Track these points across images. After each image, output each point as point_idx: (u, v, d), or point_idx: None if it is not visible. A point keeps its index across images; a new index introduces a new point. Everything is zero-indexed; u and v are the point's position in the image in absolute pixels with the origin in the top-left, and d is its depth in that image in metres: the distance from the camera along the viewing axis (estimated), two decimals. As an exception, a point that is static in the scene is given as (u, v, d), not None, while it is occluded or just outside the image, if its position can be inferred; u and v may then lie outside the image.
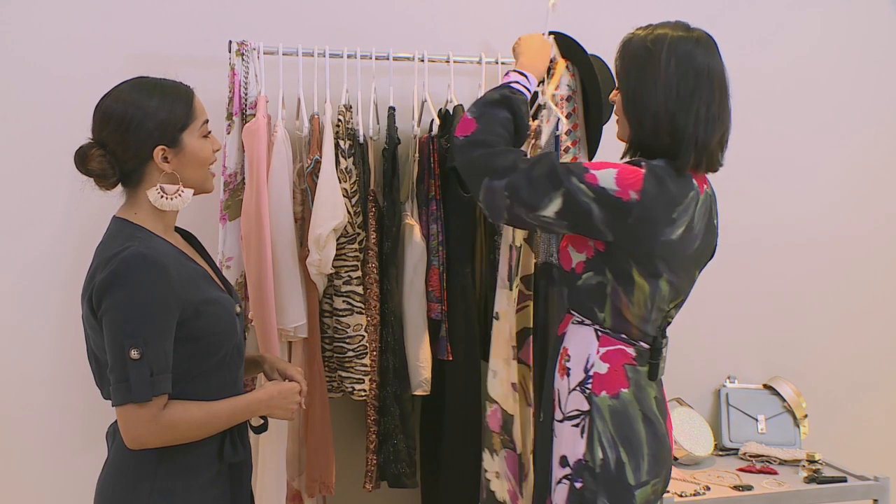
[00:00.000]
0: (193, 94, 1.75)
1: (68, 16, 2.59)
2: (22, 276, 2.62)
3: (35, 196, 2.61)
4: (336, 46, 2.51)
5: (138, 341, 1.55)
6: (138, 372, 1.55)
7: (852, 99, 3.25)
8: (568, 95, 2.69)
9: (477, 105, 1.91)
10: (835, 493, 2.66)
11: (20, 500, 2.64)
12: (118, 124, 1.67)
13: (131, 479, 1.65)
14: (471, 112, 1.89)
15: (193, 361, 1.66)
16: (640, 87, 1.78)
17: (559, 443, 1.83)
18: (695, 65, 1.74)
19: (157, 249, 1.64)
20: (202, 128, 1.74)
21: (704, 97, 1.75)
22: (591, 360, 1.81)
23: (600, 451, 1.75)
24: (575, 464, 1.78)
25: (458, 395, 2.55)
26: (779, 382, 3.09)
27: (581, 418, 1.79)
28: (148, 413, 1.58)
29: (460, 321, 2.53)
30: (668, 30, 1.78)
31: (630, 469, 1.76)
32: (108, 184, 1.71)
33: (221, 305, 1.73)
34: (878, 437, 3.34)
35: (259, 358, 2.00)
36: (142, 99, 1.68)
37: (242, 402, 1.74)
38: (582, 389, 1.80)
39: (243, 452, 1.76)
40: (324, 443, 2.47)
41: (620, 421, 1.78)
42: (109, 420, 1.76)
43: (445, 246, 2.53)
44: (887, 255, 3.34)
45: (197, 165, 1.73)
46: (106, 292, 1.58)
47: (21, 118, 2.59)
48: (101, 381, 1.70)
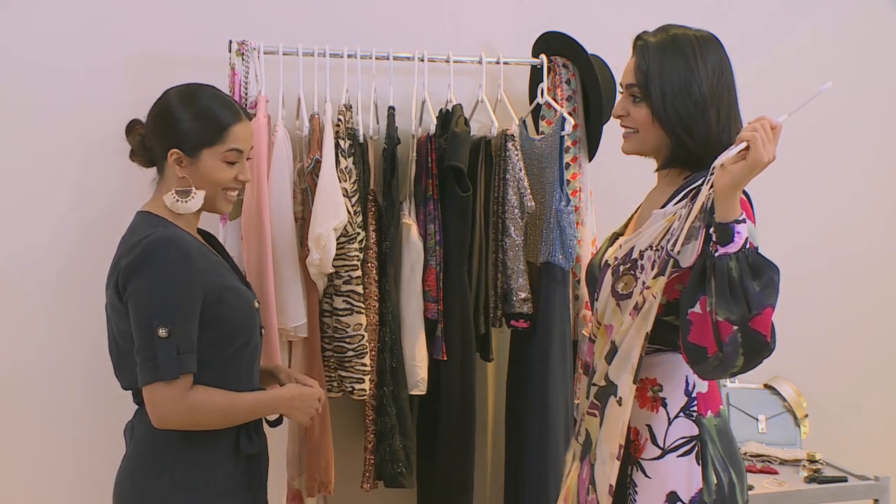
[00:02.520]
0: (240, 120, 1.78)
1: (69, 15, 2.59)
2: (21, 270, 2.61)
3: (35, 191, 2.61)
4: (336, 46, 2.51)
5: (166, 320, 1.60)
6: (166, 350, 1.60)
7: (852, 99, 3.24)
8: (568, 95, 2.69)
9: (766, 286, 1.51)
10: (835, 493, 2.65)
11: (19, 492, 2.64)
12: (158, 113, 1.78)
13: (150, 473, 1.69)
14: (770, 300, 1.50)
15: (213, 348, 1.69)
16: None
17: (662, 480, 1.62)
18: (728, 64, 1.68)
19: (180, 236, 1.69)
20: (227, 153, 1.76)
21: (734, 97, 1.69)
22: (689, 380, 1.65)
23: (714, 475, 1.62)
24: (694, 497, 1.60)
25: (453, 394, 2.56)
26: (779, 382, 3.08)
27: (692, 444, 1.63)
28: (175, 391, 1.61)
29: (456, 321, 2.53)
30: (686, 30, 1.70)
31: (738, 489, 1.65)
32: (138, 160, 1.83)
33: (241, 295, 1.77)
34: (879, 437, 3.34)
35: (274, 369, 2.03)
36: (189, 101, 1.76)
37: (266, 396, 1.79)
38: (688, 414, 1.64)
39: (259, 444, 1.79)
40: (323, 443, 2.47)
41: (727, 440, 1.67)
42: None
43: (442, 246, 2.53)
44: (888, 254, 3.34)
45: (208, 184, 1.77)
46: (132, 275, 1.63)
47: (21, 117, 2.59)
48: (121, 369, 1.73)
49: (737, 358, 1.46)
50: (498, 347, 2.75)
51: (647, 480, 1.63)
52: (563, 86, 2.68)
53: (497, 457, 2.86)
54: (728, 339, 1.44)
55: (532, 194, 2.54)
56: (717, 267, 1.46)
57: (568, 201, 2.54)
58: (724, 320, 1.44)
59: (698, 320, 1.47)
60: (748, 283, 1.44)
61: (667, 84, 1.64)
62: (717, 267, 1.46)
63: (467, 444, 2.59)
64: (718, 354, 1.46)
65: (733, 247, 1.46)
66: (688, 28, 1.71)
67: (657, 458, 1.63)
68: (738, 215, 1.48)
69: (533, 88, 2.75)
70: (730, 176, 1.48)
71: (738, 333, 1.44)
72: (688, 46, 1.65)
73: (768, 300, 1.46)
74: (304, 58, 2.49)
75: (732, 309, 1.44)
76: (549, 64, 2.68)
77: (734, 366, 1.47)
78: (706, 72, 1.64)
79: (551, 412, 2.53)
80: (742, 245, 1.46)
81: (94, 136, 2.59)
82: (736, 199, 1.49)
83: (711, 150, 1.61)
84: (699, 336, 1.47)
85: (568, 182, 2.60)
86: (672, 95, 1.63)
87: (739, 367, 1.48)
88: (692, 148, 1.65)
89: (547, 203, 2.55)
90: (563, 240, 2.52)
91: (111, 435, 2.59)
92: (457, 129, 2.49)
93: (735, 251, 1.46)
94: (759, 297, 1.45)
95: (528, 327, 2.56)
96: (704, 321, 1.46)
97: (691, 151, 1.65)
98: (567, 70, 2.68)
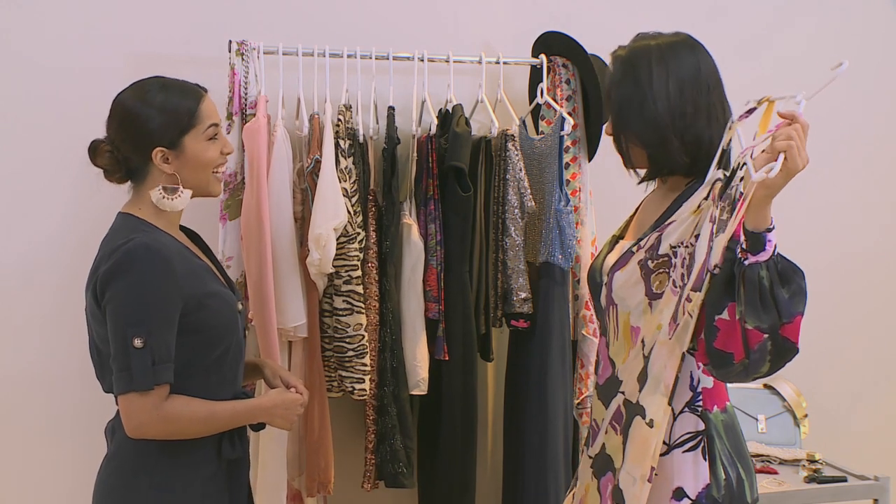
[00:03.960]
0: (202, 97, 1.75)
1: (69, 15, 2.60)
2: (19, 271, 2.62)
3: (33, 192, 2.61)
4: (336, 46, 2.51)
5: (141, 330, 1.57)
6: (140, 361, 1.57)
7: (851, 99, 3.24)
8: (568, 95, 2.69)
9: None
10: (835, 492, 2.65)
11: (17, 497, 2.65)
12: (121, 122, 1.71)
13: (130, 474, 1.67)
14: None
15: (194, 354, 1.67)
16: None
17: (668, 476, 1.62)
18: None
19: (161, 242, 1.65)
20: (207, 131, 1.73)
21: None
22: (694, 375, 1.65)
23: (722, 471, 1.62)
24: (702, 492, 1.60)
25: (454, 394, 2.56)
26: (779, 382, 3.08)
27: (697, 440, 1.63)
28: (150, 402, 1.59)
29: (457, 321, 2.53)
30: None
31: (747, 485, 1.64)
32: (115, 178, 1.75)
33: (223, 300, 1.74)
34: (878, 437, 3.34)
35: (260, 363, 2.00)
36: (147, 99, 1.70)
37: (244, 406, 1.76)
38: (693, 409, 1.64)
39: (241, 449, 1.77)
40: (323, 443, 2.47)
41: (735, 435, 1.67)
42: (105, 416, 1.76)
43: (443, 246, 2.53)
44: (888, 254, 3.34)
45: (199, 168, 1.74)
46: (110, 282, 1.60)
47: (20, 116, 2.59)
48: (103, 373, 1.71)
49: (763, 364, 1.45)
50: (498, 347, 2.75)
51: (654, 477, 1.62)
52: (563, 86, 2.68)
53: (496, 456, 2.86)
54: (757, 347, 1.43)
55: (532, 194, 2.54)
56: (748, 276, 1.43)
57: (567, 201, 2.54)
58: (754, 328, 1.42)
59: (726, 327, 1.45)
60: (778, 292, 1.42)
61: (622, 105, 1.65)
62: (747, 276, 1.43)
63: (469, 444, 2.59)
64: (745, 361, 1.44)
65: (764, 255, 1.43)
66: (656, 37, 1.68)
67: (663, 455, 1.62)
68: (769, 223, 1.45)
69: (533, 88, 2.75)
70: (767, 189, 1.45)
71: (769, 341, 1.43)
72: (643, 63, 1.64)
73: (798, 307, 1.43)
74: (303, 58, 2.49)
75: (762, 318, 1.42)
76: (549, 64, 2.68)
77: (759, 371, 1.46)
78: (664, 86, 1.62)
79: (550, 412, 2.53)
80: (772, 253, 1.44)
81: (93, 136, 2.57)
82: (769, 208, 1.47)
83: (692, 156, 1.62)
84: (726, 342, 1.45)
85: (567, 182, 2.60)
86: (627, 116, 1.65)
87: (764, 373, 1.48)
88: (665, 163, 1.65)
89: (547, 203, 2.55)
90: (562, 240, 2.52)
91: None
92: (458, 129, 2.49)
93: (766, 259, 1.43)
94: (790, 305, 1.42)
95: (528, 327, 2.56)
96: (733, 328, 1.44)
97: (670, 164, 1.65)
98: (567, 70, 2.69)
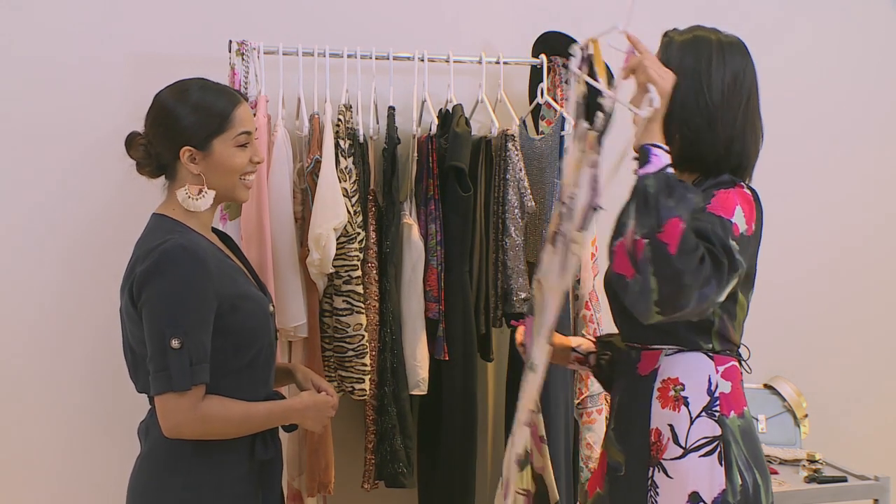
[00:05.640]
0: (238, 103, 1.77)
1: (69, 15, 2.60)
2: (19, 272, 2.62)
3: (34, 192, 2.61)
4: (336, 46, 2.51)
5: (178, 331, 1.59)
6: (178, 361, 1.59)
7: (851, 99, 3.25)
8: (568, 95, 2.69)
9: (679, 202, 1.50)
10: (835, 492, 2.65)
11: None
12: (156, 117, 1.74)
13: (164, 473, 1.68)
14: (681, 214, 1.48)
15: (227, 356, 1.68)
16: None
17: (683, 480, 1.62)
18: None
19: (197, 243, 1.67)
20: (238, 137, 1.75)
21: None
22: (712, 380, 1.65)
23: (739, 476, 1.61)
24: (717, 497, 1.60)
25: (454, 394, 2.56)
26: (779, 382, 3.08)
27: (714, 444, 1.62)
28: (187, 402, 1.61)
29: (458, 321, 2.53)
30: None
31: (763, 491, 1.64)
32: (146, 172, 1.77)
33: (256, 302, 1.76)
34: (878, 437, 3.34)
35: (292, 367, 2.02)
36: (183, 97, 1.73)
37: (279, 407, 1.78)
38: (710, 413, 1.63)
39: (274, 450, 1.78)
40: (323, 443, 2.47)
41: (751, 441, 1.66)
42: (137, 416, 1.77)
43: (443, 246, 2.53)
44: (887, 254, 3.34)
45: (225, 173, 1.75)
46: (146, 283, 1.61)
47: (20, 116, 2.59)
48: (136, 373, 1.72)
49: (649, 278, 1.44)
50: (498, 347, 2.75)
51: (669, 481, 1.62)
52: (563, 86, 2.68)
53: (496, 456, 2.86)
54: (641, 257, 1.44)
55: (532, 194, 2.54)
56: (636, 186, 1.49)
57: (568, 201, 2.54)
58: (640, 238, 1.45)
59: (620, 249, 1.49)
60: (662, 199, 1.46)
61: (678, 86, 1.62)
62: (636, 186, 1.49)
63: (469, 445, 2.59)
64: (637, 277, 1.45)
65: (651, 167, 1.50)
66: (715, 32, 1.71)
67: (679, 458, 1.62)
68: (654, 139, 1.53)
69: (533, 88, 2.75)
70: (653, 114, 1.54)
71: (648, 247, 1.44)
72: (705, 50, 1.66)
73: (676, 212, 1.44)
74: (303, 57, 2.49)
75: (644, 223, 1.45)
76: (549, 64, 2.68)
77: (650, 288, 1.44)
78: (720, 78, 1.64)
79: (551, 412, 2.52)
80: (661, 167, 1.49)
81: (93, 136, 2.59)
82: (653, 127, 1.55)
83: (716, 157, 1.63)
84: (619, 264, 1.49)
85: (568, 182, 2.60)
86: (682, 95, 1.63)
87: (656, 292, 1.44)
88: (691, 153, 1.64)
89: (547, 203, 2.55)
90: (562, 240, 2.52)
91: (109, 437, 2.62)
92: (458, 129, 2.49)
93: (654, 171, 1.49)
94: (669, 211, 1.44)
95: (528, 327, 2.56)
96: (625, 247, 1.48)
97: (694, 155, 1.65)
98: (567, 70, 2.69)
